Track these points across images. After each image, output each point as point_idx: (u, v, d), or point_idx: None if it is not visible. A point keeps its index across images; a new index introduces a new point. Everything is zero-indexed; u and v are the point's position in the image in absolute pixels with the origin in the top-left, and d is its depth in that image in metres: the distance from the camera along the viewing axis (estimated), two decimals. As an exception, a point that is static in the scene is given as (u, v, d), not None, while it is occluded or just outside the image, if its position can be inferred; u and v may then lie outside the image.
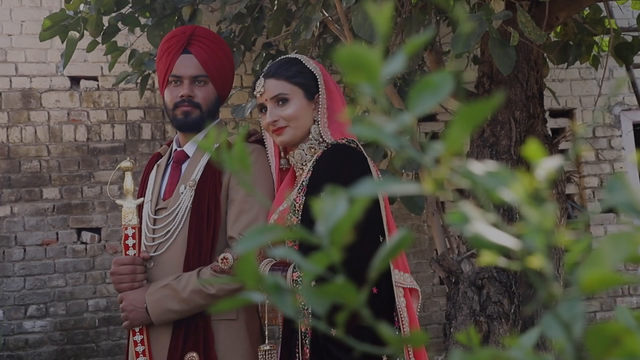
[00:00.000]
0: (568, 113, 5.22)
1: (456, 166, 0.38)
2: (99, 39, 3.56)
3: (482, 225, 0.37)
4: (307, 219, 1.97)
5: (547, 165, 0.39)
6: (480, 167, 0.38)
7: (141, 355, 2.10)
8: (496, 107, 0.38)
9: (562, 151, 4.89)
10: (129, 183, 2.17)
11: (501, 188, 0.37)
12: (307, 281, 0.44)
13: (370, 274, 0.39)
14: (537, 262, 0.38)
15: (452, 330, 2.76)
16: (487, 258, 0.38)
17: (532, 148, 0.39)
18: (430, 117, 4.84)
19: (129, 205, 2.16)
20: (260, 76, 2.12)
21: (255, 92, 2.12)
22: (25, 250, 4.39)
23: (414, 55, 3.07)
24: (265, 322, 2.10)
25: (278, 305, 0.44)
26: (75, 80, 4.57)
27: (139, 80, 3.95)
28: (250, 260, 0.43)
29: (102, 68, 4.58)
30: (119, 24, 3.60)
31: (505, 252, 0.38)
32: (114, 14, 3.55)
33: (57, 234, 4.44)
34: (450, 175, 0.38)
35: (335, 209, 0.41)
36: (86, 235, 4.48)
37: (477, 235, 0.37)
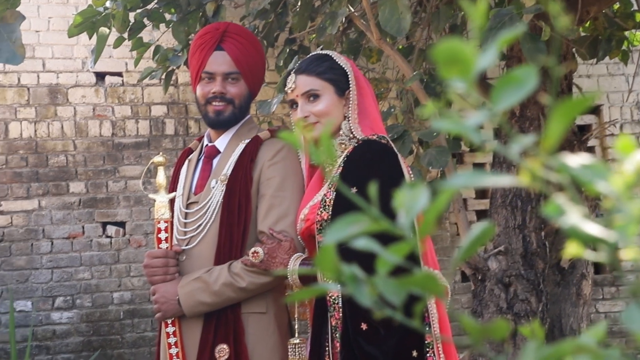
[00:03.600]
0: (595, 110, 5.18)
1: (551, 159, 0.39)
2: (125, 35, 3.59)
3: (577, 217, 0.38)
4: (338, 214, 1.98)
5: (636, 159, 0.39)
6: (576, 160, 0.39)
7: (173, 346, 2.12)
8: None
9: (591, 148, 4.85)
10: (161, 178, 2.20)
11: (598, 181, 0.37)
12: (383, 271, 0.44)
13: (453, 265, 0.40)
14: (631, 254, 0.38)
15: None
16: (573, 250, 0.39)
17: (623, 142, 0.39)
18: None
19: (161, 199, 2.18)
20: (292, 72, 2.14)
21: (286, 88, 2.13)
22: (52, 243, 4.44)
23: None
24: (295, 316, 2.12)
25: (355, 295, 0.45)
26: (100, 76, 4.61)
27: (163, 76, 3.98)
28: (330, 252, 0.44)
29: (126, 64, 4.62)
30: (145, 20, 3.62)
31: (591, 244, 0.38)
32: (139, 10, 3.58)
33: (83, 227, 4.49)
34: (545, 169, 0.39)
35: (417, 201, 0.42)
36: (111, 229, 4.52)
37: (574, 226, 0.38)
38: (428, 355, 1.90)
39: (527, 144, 0.40)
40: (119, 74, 4.64)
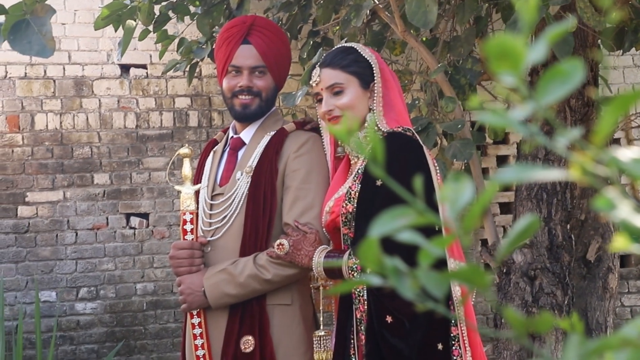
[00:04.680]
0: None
1: (601, 152, 0.39)
2: (150, 28, 3.61)
3: (628, 211, 0.38)
4: (363, 207, 1.98)
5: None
6: (626, 154, 0.39)
7: (198, 337, 2.14)
8: None
9: (617, 140, 4.80)
10: (187, 169, 2.21)
11: (649, 174, 0.37)
12: (425, 264, 0.45)
13: (498, 258, 0.40)
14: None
15: (502, 321, 2.75)
16: (621, 243, 0.39)
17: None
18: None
19: (187, 191, 2.20)
20: (316, 66, 2.14)
21: (310, 82, 2.13)
22: (77, 234, 4.48)
23: (466, 42, 3.04)
24: (321, 308, 2.12)
25: (398, 288, 0.45)
26: (125, 68, 4.64)
27: (187, 69, 3.99)
28: (373, 244, 0.44)
29: (151, 56, 4.64)
30: (170, 13, 3.64)
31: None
32: (164, 3, 3.60)
33: (107, 218, 4.53)
34: (596, 162, 0.39)
35: (462, 195, 0.42)
36: (135, 221, 4.56)
37: (625, 220, 0.38)
38: (454, 348, 1.90)
39: (573, 137, 0.40)
40: (144, 66, 4.66)
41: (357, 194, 2.00)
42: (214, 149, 2.36)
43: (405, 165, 1.93)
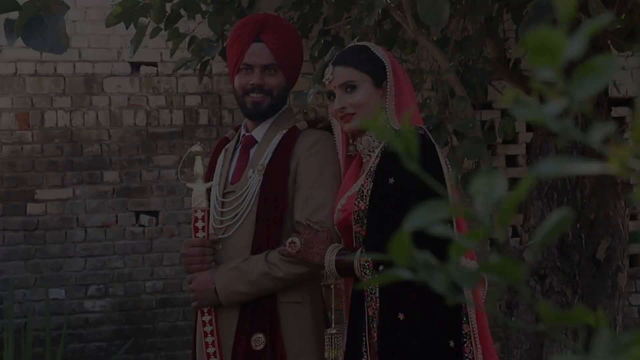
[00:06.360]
0: (628, 102, 5.11)
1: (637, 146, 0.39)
2: (162, 25, 3.62)
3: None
4: (375, 205, 1.99)
5: None
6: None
7: (209, 335, 2.15)
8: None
9: (625, 140, 4.79)
10: (199, 167, 2.21)
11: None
12: (455, 258, 0.45)
13: (531, 254, 0.40)
14: None
15: (513, 319, 2.75)
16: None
17: None
18: (487, 105, 4.77)
19: (199, 188, 2.20)
20: (329, 64, 2.15)
21: (323, 80, 2.14)
22: (86, 232, 4.49)
23: (477, 42, 3.04)
24: (332, 306, 2.13)
25: (429, 282, 0.46)
26: (135, 66, 4.65)
27: (197, 67, 4.00)
28: (405, 239, 0.45)
29: (161, 54, 4.64)
30: (181, 11, 3.65)
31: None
32: (176, 1, 3.61)
33: (116, 216, 4.54)
34: (634, 156, 0.39)
35: (494, 189, 0.42)
36: (144, 218, 4.57)
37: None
38: (465, 345, 1.90)
39: (608, 131, 0.40)
40: (154, 64, 4.67)
41: (369, 191, 2.01)
42: (226, 147, 2.36)
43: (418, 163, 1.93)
